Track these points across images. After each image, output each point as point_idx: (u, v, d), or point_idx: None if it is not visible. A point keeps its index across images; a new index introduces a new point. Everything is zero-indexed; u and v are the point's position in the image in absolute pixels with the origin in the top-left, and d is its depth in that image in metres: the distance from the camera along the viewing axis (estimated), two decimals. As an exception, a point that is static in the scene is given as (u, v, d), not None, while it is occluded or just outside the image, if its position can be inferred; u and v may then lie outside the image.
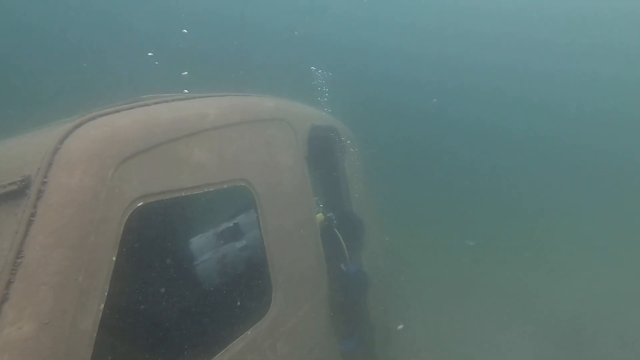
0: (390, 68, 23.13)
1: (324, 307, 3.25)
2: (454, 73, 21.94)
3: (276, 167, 2.87)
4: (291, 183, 3.01)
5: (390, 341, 4.90)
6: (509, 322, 7.34)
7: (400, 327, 4.64)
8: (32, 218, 1.41)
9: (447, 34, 22.95)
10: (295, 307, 2.84)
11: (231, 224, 3.04)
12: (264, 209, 2.64)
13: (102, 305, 1.49)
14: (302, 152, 3.27)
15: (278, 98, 3.57)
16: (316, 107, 4.24)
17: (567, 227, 12.15)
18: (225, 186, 2.34)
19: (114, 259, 1.59)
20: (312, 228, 3.23)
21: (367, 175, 5.00)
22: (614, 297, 7.97)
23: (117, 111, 1.97)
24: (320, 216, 3.77)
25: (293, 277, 2.84)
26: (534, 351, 6.58)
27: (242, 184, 2.49)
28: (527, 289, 8.69)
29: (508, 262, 10.37)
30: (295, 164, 3.13)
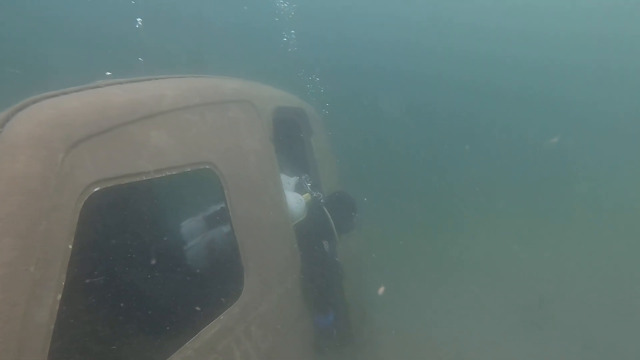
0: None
1: (298, 289, 3.24)
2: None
3: (241, 149, 2.80)
4: (258, 166, 2.95)
5: (365, 322, 4.96)
6: (477, 298, 7.59)
7: (381, 290, 4.69)
8: (-27, 207, 1.31)
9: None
10: (268, 291, 2.81)
11: (198, 209, 2.96)
12: (231, 193, 2.57)
13: (60, 296, 1.40)
14: (267, 134, 3.20)
15: (240, 79, 3.48)
16: (280, 89, 4.16)
17: (535, 208, 12.56)
18: (189, 169, 2.26)
19: (70, 247, 1.50)
20: (282, 210, 3.19)
21: (334, 156, 4.97)
22: (573, 270, 8.39)
23: (64, 93, 1.85)
24: (306, 195, 3.74)
25: (264, 260, 2.80)
26: (501, 318, 6.84)
27: (207, 167, 2.41)
28: (495, 265, 8.98)
29: (476, 238, 10.65)
30: (261, 146, 3.06)
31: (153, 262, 2.39)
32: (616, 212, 11.37)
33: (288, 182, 3.87)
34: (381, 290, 4.60)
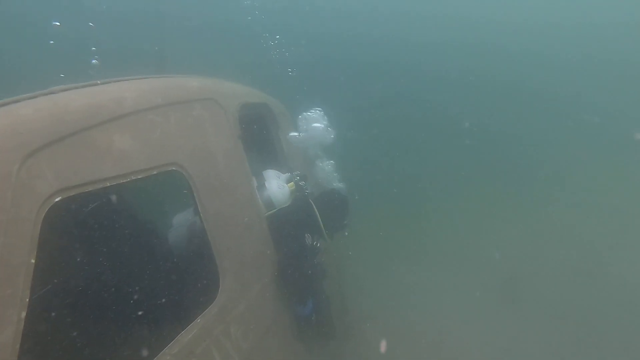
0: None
1: (275, 286, 3.22)
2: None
3: (209, 148, 2.75)
4: (226, 164, 2.90)
5: (346, 310, 4.99)
6: (455, 280, 7.77)
7: (383, 346, 4.68)
8: None
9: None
10: (245, 289, 2.79)
11: (169, 212, 2.90)
12: (201, 193, 2.53)
13: (24, 314, 1.34)
14: (234, 132, 3.15)
15: (202, 77, 3.41)
16: (245, 85, 4.11)
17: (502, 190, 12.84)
18: (156, 172, 2.20)
19: (32, 261, 1.44)
20: (254, 207, 3.16)
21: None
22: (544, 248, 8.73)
23: (16, 101, 1.77)
24: (291, 184, 3.70)
25: (239, 258, 2.77)
26: (478, 299, 7.04)
27: (174, 169, 2.36)
28: (471, 248, 9.20)
29: (451, 223, 10.85)
30: (229, 143, 3.02)
31: (124, 271, 2.33)
32: (583, 195, 11.76)
33: (278, 176, 3.84)
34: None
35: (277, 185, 3.57)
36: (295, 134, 4.46)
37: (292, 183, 3.74)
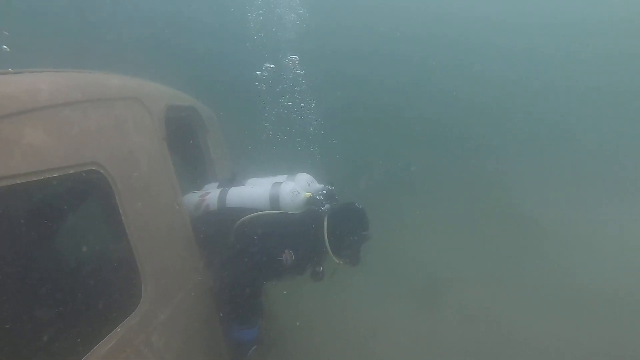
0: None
1: (199, 294, 3.12)
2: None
3: (131, 149, 2.62)
4: (150, 166, 2.78)
5: (274, 316, 4.93)
6: (379, 282, 8.03)
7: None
8: None
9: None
10: (168, 297, 2.67)
11: (81, 213, 2.69)
12: (123, 195, 2.39)
13: None
14: (159, 133, 3.04)
15: (126, 76, 3.26)
16: (171, 87, 3.97)
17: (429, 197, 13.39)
18: (72, 171, 2.05)
19: None
20: (179, 211, 3.06)
21: (230, 154, 4.88)
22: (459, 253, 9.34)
23: None
24: (307, 194, 3.43)
25: (163, 264, 2.66)
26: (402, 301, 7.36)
27: (93, 168, 2.21)
28: (387, 250, 9.54)
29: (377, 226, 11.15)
30: (153, 145, 2.90)
31: (35, 275, 2.12)
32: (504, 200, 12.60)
33: (309, 182, 3.62)
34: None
35: (291, 189, 3.33)
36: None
37: (310, 193, 3.43)
